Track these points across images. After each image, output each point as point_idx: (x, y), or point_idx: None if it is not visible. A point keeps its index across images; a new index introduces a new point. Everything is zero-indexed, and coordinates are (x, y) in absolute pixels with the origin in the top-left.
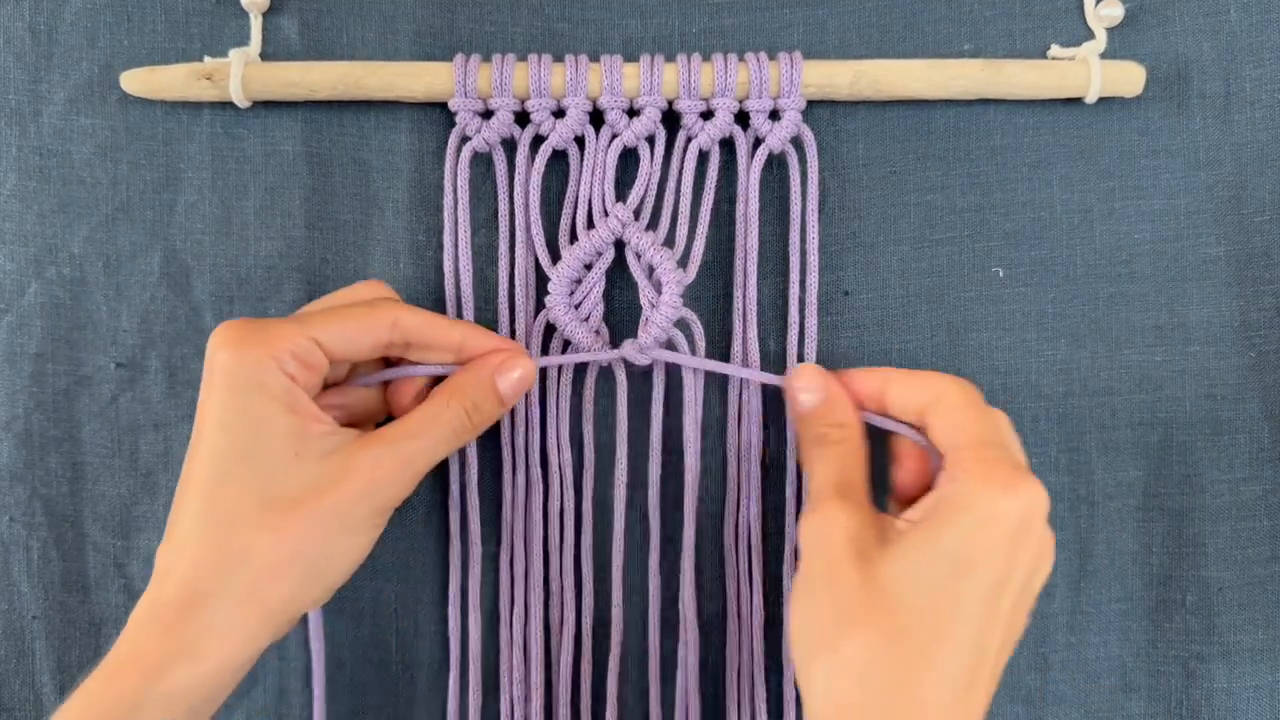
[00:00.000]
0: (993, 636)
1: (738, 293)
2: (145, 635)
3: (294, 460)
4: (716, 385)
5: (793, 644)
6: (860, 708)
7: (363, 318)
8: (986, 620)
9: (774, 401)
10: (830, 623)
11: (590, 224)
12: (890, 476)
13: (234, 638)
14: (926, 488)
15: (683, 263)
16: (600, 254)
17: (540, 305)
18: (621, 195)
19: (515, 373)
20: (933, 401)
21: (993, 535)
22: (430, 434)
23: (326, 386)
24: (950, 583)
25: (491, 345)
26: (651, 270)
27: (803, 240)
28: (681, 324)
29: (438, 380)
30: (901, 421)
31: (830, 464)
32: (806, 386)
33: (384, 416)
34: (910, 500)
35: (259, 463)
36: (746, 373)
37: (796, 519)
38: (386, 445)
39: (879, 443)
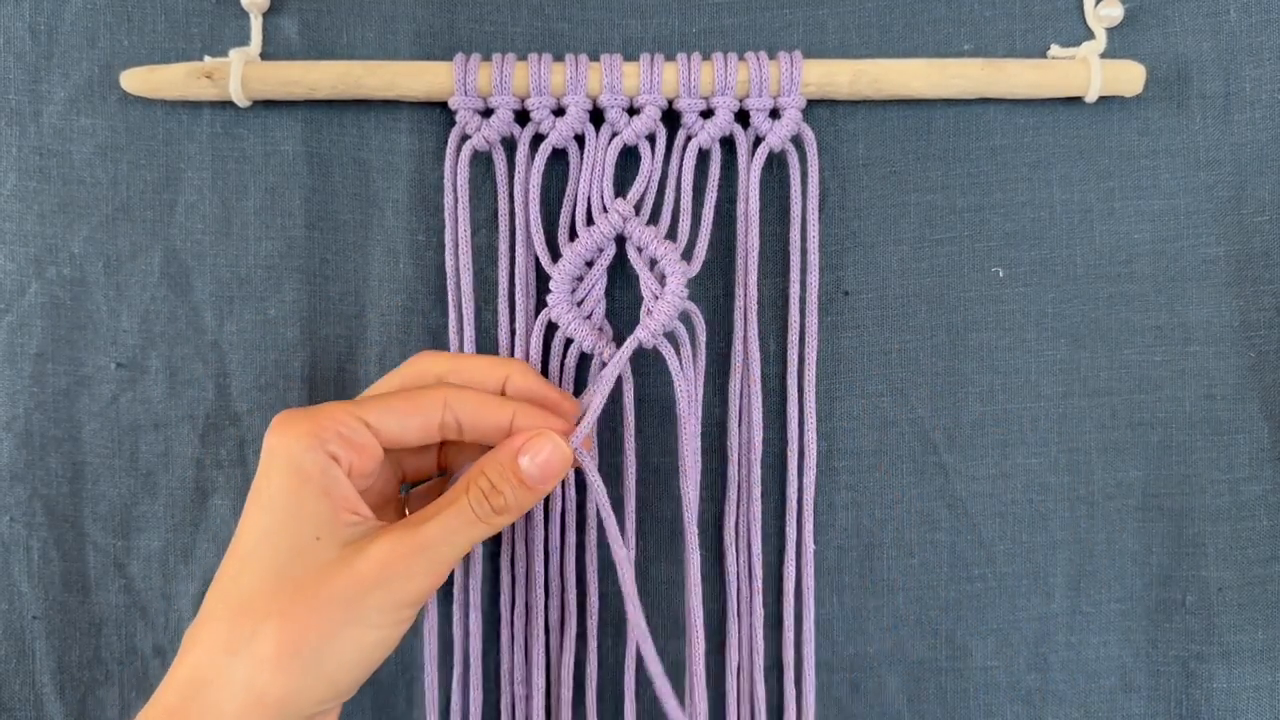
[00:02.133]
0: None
1: (738, 292)
2: (153, 717)
3: (314, 544)
4: (717, 386)
5: None
6: None
7: (414, 398)
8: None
9: (774, 401)
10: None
11: (590, 221)
12: None
13: None
14: None
15: (687, 255)
16: (601, 250)
17: (541, 304)
18: (621, 194)
19: (541, 454)
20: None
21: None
22: (447, 520)
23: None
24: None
25: (544, 422)
26: (653, 264)
27: (803, 239)
28: (683, 317)
29: None
30: None
31: None
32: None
33: None
34: None
35: (279, 546)
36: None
37: (797, 519)
38: (402, 532)
39: None
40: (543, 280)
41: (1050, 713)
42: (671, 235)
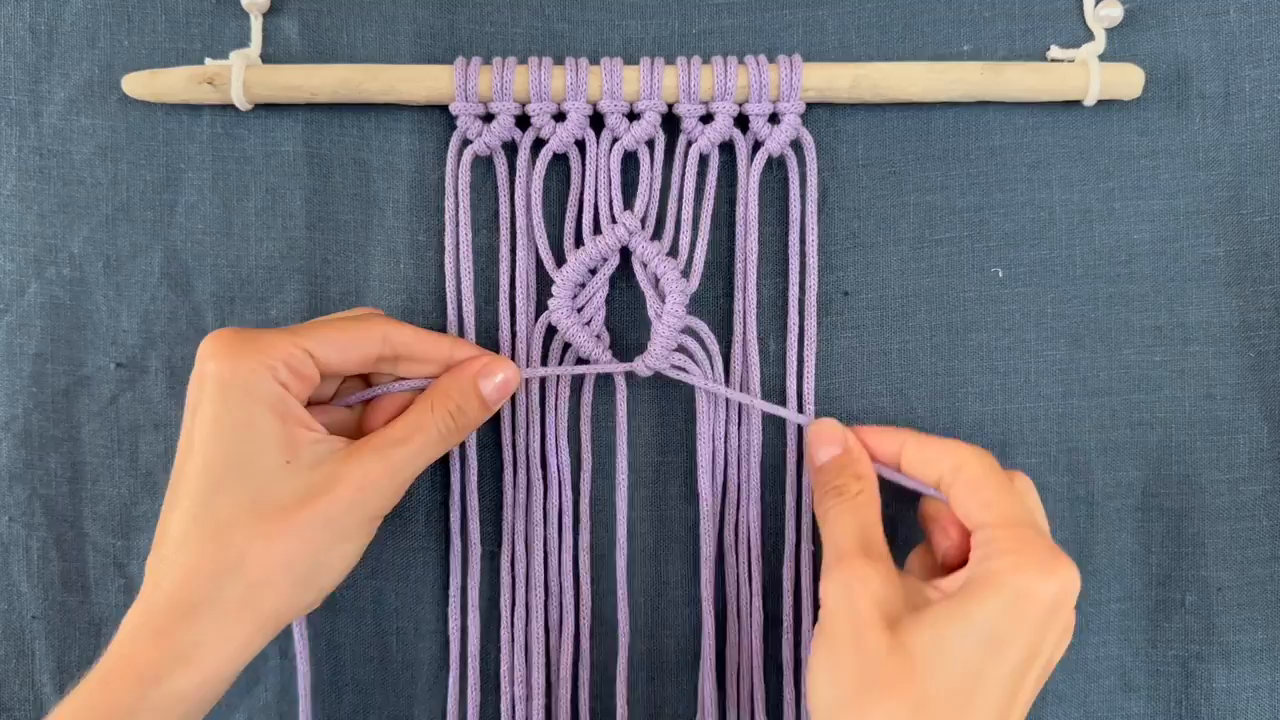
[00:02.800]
0: (1015, 707)
1: (738, 294)
2: (139, 642)
3: (285, 469)
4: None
5: (813, 702)
6: None
7: (354, 330)
8: (1011, 694)
9: (774, 401)
10: (856, 688)
11: (597, 228)
12: (929, 539)
13: (228, 644)
14: (963, 553)
15: (686, 272)
16: (605, 259)
17: (540, 307)
18: (623, 199)
19: (498, 376)
20: (953, 471)
21: (1025, 616)
22: (416, 439)
23: (310, 404)
24: (980, 658)
25: (476, 356)
26: (657, 280)
27: (802, 242)
28: (690, 331)
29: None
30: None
31: (850, 518)
32: (826, 440)
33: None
34: (946, 563)
35: (251, 471)
36: (767, 407)
37: (797, 519)
38: (374, 453)
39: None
40: (543, 282)
41: (1050, 713)
42: (675, 246)
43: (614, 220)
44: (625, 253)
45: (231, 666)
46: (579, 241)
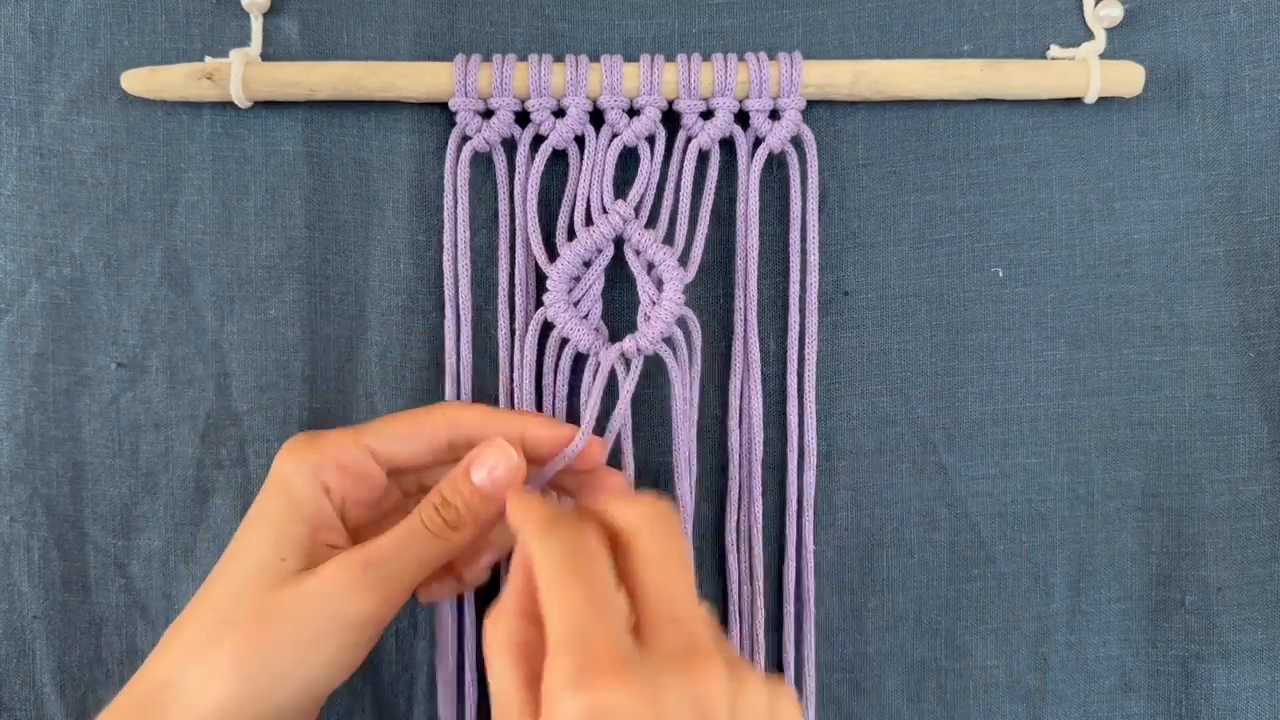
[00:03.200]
0: None
1: (738, 293)
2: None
3: (279, 564)
4: (717, 386)
5: None
6: None
7: (418, 419)
8: None
9: (775, 401)
10: None
11: (589, 221)
12: None
13: None
14: None
15: (683, 261)
16: (600, 251)
17: (540, 305)
18: (621, 195)
19: (488, 462)
20: (529, 560)
21: None
22: (396, 535)
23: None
24: None
25: (556, 435)
26: (651, 267)
27: (803, 240)
28: (680, 322)
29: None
30: None
31: (493, 667)
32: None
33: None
34: None
35: (249, 561)
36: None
37: (797, 519)
38: (354, 551)
39: None
40: (542, 281)
41: (1050, 713)
42: (670, 238)
43: (605, 211)
44: (620, 246)
45: None
46: (572, 236)
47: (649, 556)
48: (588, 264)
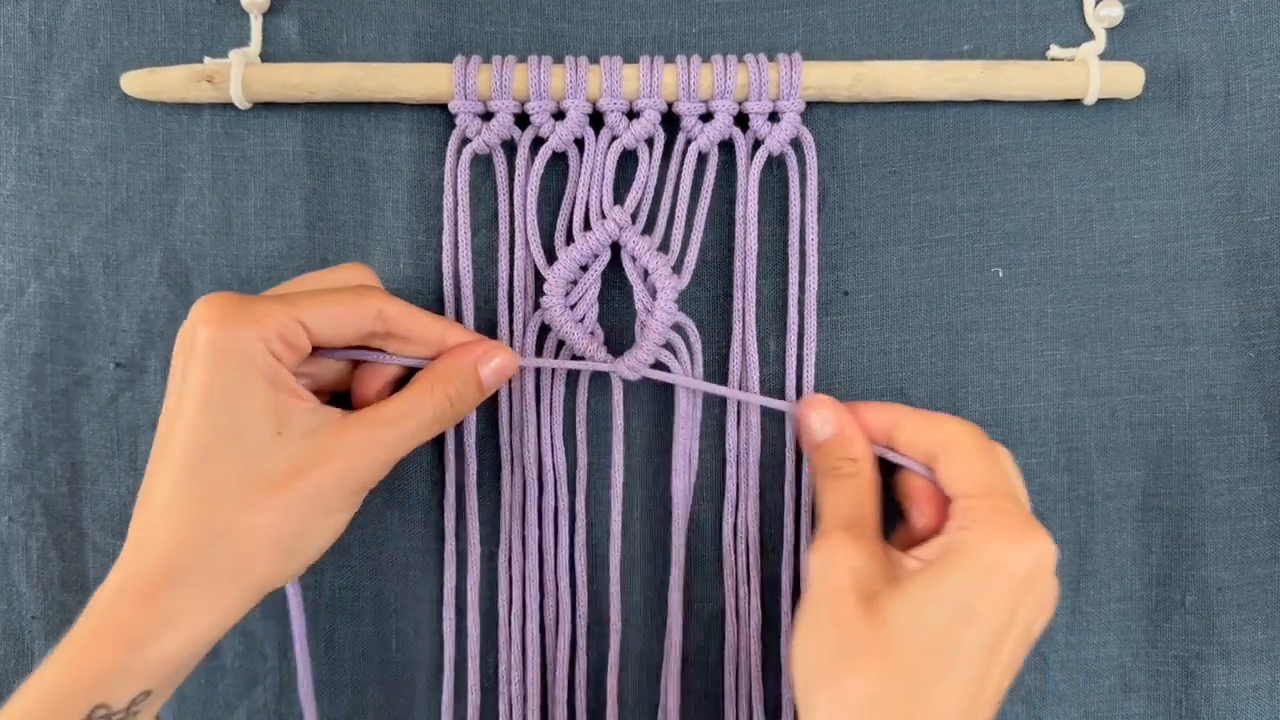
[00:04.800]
0: (991, 677)
1: (737, 293)
2: (122, 606)
3: (276, 439)
4: (717, 383)
5: (794, 672)
6: None
7: (349, 304)
8: (986, 663)
9: (774, 398)
10: (833, 656)
11: (587, 226)
12: (906, 516)
13: (212, 612)
14: (939, 529)
15: (677, 268)
16: (597, 256)
17: (539, 306)
18: (620, 198)
19: (495, 360)
20: (942, 444)
21: (998, 586)
22: (411, 420)
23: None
24: (953, 628)
25: (472, 340)
26: (647, 274)
27: (801, 241)
28: (678, 328)
29: (408, 373)
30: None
31: (841, 497)
32: (822, 417)
33: (344, 390)
34: (923, 539)
35: (242, 441)
36: (746, 397)
37: (795, 519)
38: (367, 430)
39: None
40: (542, 282)
41: (1050, 713)
42: (667, 242)
43: (603, 216)
44: (618, 251)
45: (215, 632)
46: (570, 239)
47: (1021, 487)
48: (585, 268)
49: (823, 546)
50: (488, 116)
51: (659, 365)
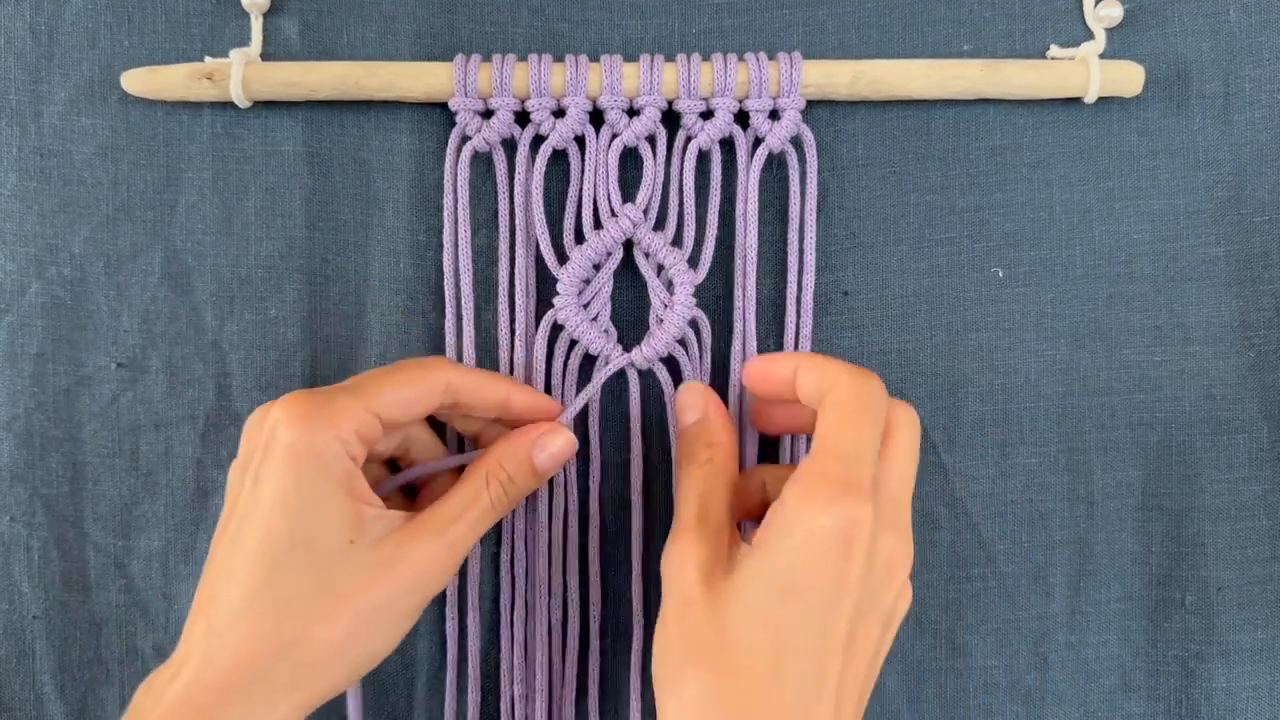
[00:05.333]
0: (831, 665)
1: (737, 292)
2: (187, 718)
3: (349, 548)
4: (717, 386)
5: (654, 680)
6: None
7: (419, 384)
8: (821, 649)
9: None
10: (678, 661)
11: (597, 224)
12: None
13: None
14: None
15: (692, 262)
16: (609, 254)
17: (541, 305)
18: (621, 195)
19: (552, 447)
20: (827, 392)
21: (812, 555)
22: (471, 513)
23: None
24: (779, 611)
25: (531, 404)
26: (660, 269)
27: (800, 240)
28: (691, 322)
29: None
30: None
31: (695, 485)
32: (689, 404)
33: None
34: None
35: (317, 550)
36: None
37: None
38: (434, 533)
39: None
40: (543, 281)
41: (1050, 713)
42: (677, 239)
43: (613, 214)
44: (627, 247)
45: None
46: (579, 238)
47: (903, 448)
48: (597, 267)
49: (671, 548)
50: (488, 115)
51: (668, 358)
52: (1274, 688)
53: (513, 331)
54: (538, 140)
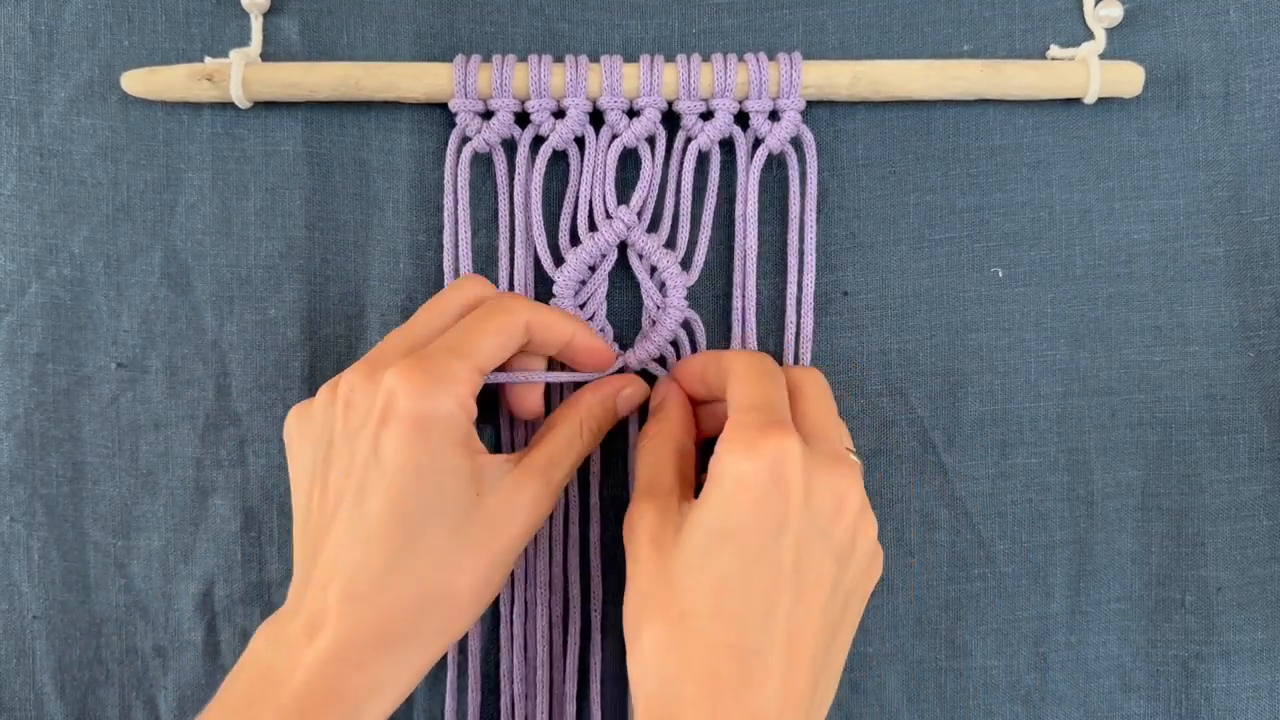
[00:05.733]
0: (778, 600)
1: (737, 293)
2: (341, 673)
3: (476, 503)
4: None
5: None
6: (661, 696)
7: (510, 329)
8: (766, 586)
9: None
10: (634, 618)
11: (592, 225)
12: None
13: (417, 671)
14: None
15: (685, 264)
16: (604, 255)
17: None
18: (620, 196)
19: (628, 391)
20: (727, 374)
21: (743, 500)
22: (568, 459)
23: None
24: (717, 555)
25: (592, 346)
26: (653, 271)
27: (800, 240)
28: (684, 324)
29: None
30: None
31: (646, 459)
32: (655, 394)
33: None
34: None
35: (449, 510)
36: (582, 376)
37: None
38: (541, 477)
39: None
40: (542, 281)
41: (1050, 713)
42: (672, 241)
43: (608, 216)
44: (624, 250)
45: (413, 688)
46: (575, 239)
47: (812, 395)
48: (593, 268)
49: (626, 518)
50: (488, 115)
51: (662, 359)
52: (1274, 688)
53: None
54: (538, 141)
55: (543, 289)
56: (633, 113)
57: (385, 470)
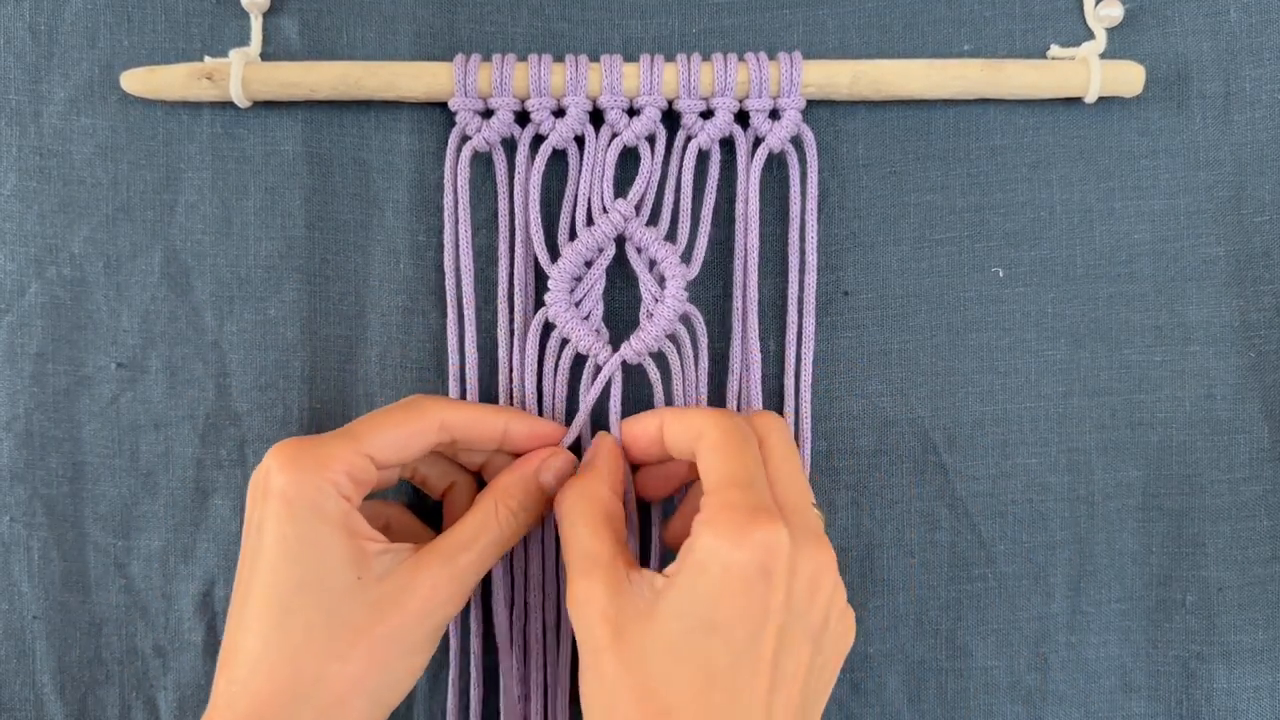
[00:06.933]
0: (758, 689)
1: (737, 292)
2: None
3: (357, 584)
4: (716, 385)
5: None
6: None
7: (412, 424)
8: (748, 682)
9: (774, 401)
10: (602, 710)
11: (590, 221)
12: (664, 527)
13: None
14: None
15: (685, 258)
16: (601, 251)
17: (540, 305)
18: (621, 195)
19: (554, 468)
20: (695, 440)
21: (730, 589)
22: (481, 541)
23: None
24: (704, 647)
25: (531, 432)
26: (652, 265)
27: (801, 240)
28: (684, 319)
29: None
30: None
31: (569, 525)
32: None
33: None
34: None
35: (324, 590)
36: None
37: None
38: (442, 561)
39: None
40: (542, 281)
41: (1050, 713)
42: (671, 236)
43: (605, 210)
44: (622, 247)
45: None
46: (574, 238)
47: (779, 453)
48: (589, 264)
49: (570, 594)
50: (488, 115)
51: (658, 355)
52: (1275, 688)
53: (511, 331)
54: (538, 140)
55: (543, 288)
56: (633, 111)
57: (263, 550)
